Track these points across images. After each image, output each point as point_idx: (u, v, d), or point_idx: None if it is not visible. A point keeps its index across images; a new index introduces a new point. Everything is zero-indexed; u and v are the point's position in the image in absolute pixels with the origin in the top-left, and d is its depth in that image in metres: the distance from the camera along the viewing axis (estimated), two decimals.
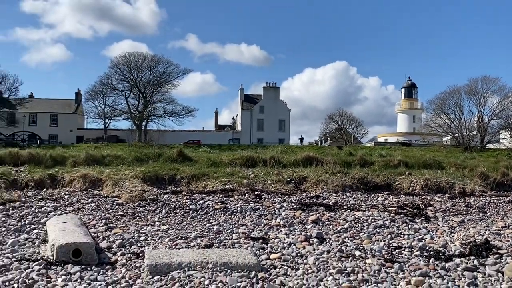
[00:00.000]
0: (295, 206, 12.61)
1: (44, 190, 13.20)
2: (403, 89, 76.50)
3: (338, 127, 72.18)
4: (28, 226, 10.10)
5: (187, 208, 12.08)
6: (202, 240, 9.37)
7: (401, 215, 12.02)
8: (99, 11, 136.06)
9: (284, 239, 9.56)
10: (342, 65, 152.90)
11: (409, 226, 11.08)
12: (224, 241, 9.48)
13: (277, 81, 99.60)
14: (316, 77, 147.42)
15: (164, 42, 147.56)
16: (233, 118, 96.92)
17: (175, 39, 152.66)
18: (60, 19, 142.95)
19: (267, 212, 11.94)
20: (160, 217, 11.29)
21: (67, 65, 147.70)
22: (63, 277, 7.07)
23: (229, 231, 10.24)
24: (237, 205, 12.34)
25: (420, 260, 8.31)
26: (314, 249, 8.94)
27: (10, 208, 11.33)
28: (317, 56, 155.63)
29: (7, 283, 6.74)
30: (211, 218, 11.34)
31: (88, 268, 7.48)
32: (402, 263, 7.99)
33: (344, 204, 13.26)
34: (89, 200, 12.39)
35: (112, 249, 8.58)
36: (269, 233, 10.06)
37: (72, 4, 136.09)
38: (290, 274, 7.45)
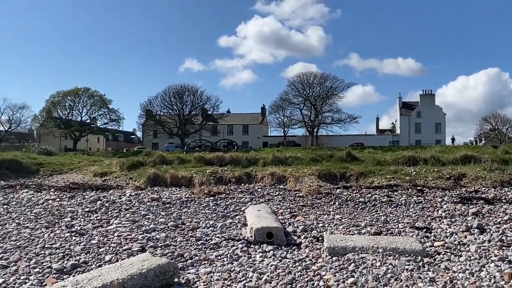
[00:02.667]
0: (455, 200, 11.76)
1: (242, 184, 13.92)
2: None
3: (492, 128, 65.90)
4: (232, 213, 10.76)
5: (357, 200, 11.94)
6: (371, 228, 9.20)
7: None
8: (278, 41, 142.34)
9: (446, 229, 8.98)
10: (494, 71, 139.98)
11: None
12: (391, 229, 9.19)
13: (432, 88, 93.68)
14: (469, 83, 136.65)
15: (330, 62, 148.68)
16: (392, 123, 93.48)
17: (339, 58, 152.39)
18: (248, 50, 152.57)
19: (429, 205, 11.31)
20: (334, 208, 11.29)
21: (254, 85, 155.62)
22: (260, 254, 7.45)
23: (395, 221, 9.91)
24: (401, 199, 11.89)
25: None
26: (475, 238, 8.26)
27: (218, 199, 12.13)
28: (469, 64, 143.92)
29: (219, 257, 7.31)
30: (378, 210, 11.06)
31: (279, 248, 7.76)
32: None
33: (503, 198, 12.02)
34: (277, 193, 12.80)
35: (297, 233, 8.79)
36: (432, 224, 9.53)
37: (257, 38, 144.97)
38: (454, 260, 6.98)
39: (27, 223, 9.73)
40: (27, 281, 6.12)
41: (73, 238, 8.47)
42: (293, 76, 77.09)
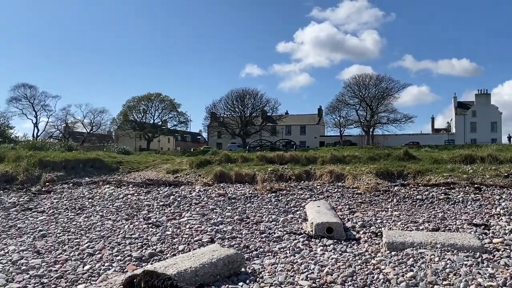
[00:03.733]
0: None
1: (302, 182, 13.79)
2: None
3: None
4: (292, 208, 10.73)
5: (414, 198, 11.55)
6: (429, 225, 8.89)
7: None
8: (333, 45, 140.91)
9: (505, 226, 8.48)
10: None
11: None
12: (449, 226, 8.83)
13: (487, 88, 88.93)
14: None
15: (385, 64, 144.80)
16: (448, 122, 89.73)
17: (394, 60, 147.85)
18: (305, 55, 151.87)
19: (487, 202, 10.73)
20: (392, 205, 11.00)
21: (311, 88, 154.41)
22: (321, 247, 7.41)
23: (452, 218, 9.51)
24: (458, 196, 11.37)
25: None
26: None
27: (280, 195, 12.14)
28: None
29: (282, 249, 7.34)
30: (435, 207, 10.65)
31: (339, 242, 7.69)
32: None
33: None
34: (335, 190, 12.63)
35: (355, 228, 8.66)
36: (490, 221, 9.04)
37: (314, 43, 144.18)
38: None
39: (109, 215, 10.21)
40: (110, 267, 6.44)
41: (150, 229, 8.79)
42: (349, 78, 75.78)
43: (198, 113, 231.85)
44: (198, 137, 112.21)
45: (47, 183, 14.49)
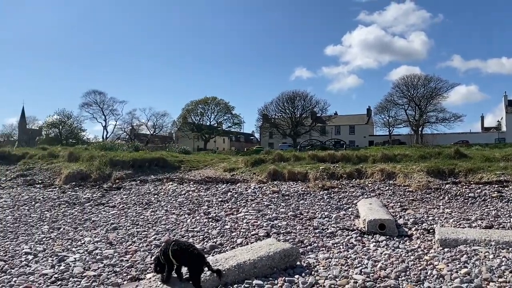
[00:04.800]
0: None
1: (353, 180, 13.56)
2: None
3: None
4: (345, 205, 10.58)
5: (466, 195, 11.06)
6: (482, 222, 8.49)
7: None
8: (381, 47, 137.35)
9: None
10: None
11: None
12: (503, 223, 8.39)
13: None
14: None
15: (433, 64, 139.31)
16: (498, 121, 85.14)
17: (442, 61, 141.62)
18: (353, 57, 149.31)
19: None
20: (444, 202, 10.59)
21: (359, 89, 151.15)
22: (374, 243, 7.27)
23: (506, 215, 9.01)
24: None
25: None
26: None
27: (332, 192, 12.00)
28: None
29: (335, 244, 7.27)
30: (488, 204, 10.13)
31: (391, 238, 7.51)
32: None
33: None
34: (386, 188, 12.33)
35: (407, 225, 8.43)
36: None
37: (362, 45, 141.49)
38: None
39: (173, 210, 10.52)
40: None
41: (210, 223, 8.98)
42: (397, 78, 73.60)
43: (250, 115, 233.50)
44: (251, 137, 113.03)
45: (117, 180, 15.14)
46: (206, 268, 4.96)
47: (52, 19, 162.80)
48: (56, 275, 5.89)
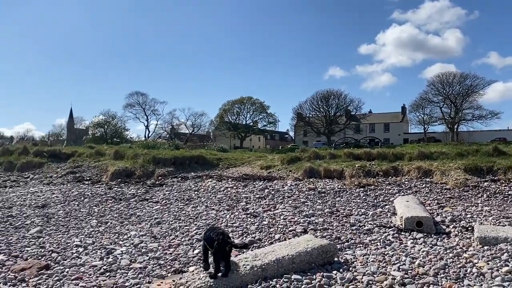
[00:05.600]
0: None
1: (389, 177, 13.28)
2: None
3: None
4: (381, 202, 10.40)
5: (506, 193, 10.63)
6: None
7: None
8: (415, 44, 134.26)
9: None
10: None
11: None
12: None
13: None
14: None
15: (468, 61, 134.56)
16: None
17: (478, 58, 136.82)
18: (387, 55, 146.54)
19: None
20: (482, 200, 10.23)
21: (393, 87, 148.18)
22: (411, 240, 7.13)
23: None
24: None
25: None
26: None
27: (368, 190, 11.82)
28: None
29: (372, 241, 7.17)
30: None
31: (429, 236, 7.35)
32: None
33: None
34: (423, 185, 12.01)
35: (445, 223, 8.21)
36: None
37: (396, 44, 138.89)
38: None
39: (213, 206, 10.66)
40: None
41: (248, 219, 9.04)
42: (432, 76, 71.78)
43: (285, 113, 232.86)
44: (286, 135, 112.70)
45: (159, 177, 15.48)
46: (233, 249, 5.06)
47: (99, 27, 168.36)
48: (104, 267, 6.11)
